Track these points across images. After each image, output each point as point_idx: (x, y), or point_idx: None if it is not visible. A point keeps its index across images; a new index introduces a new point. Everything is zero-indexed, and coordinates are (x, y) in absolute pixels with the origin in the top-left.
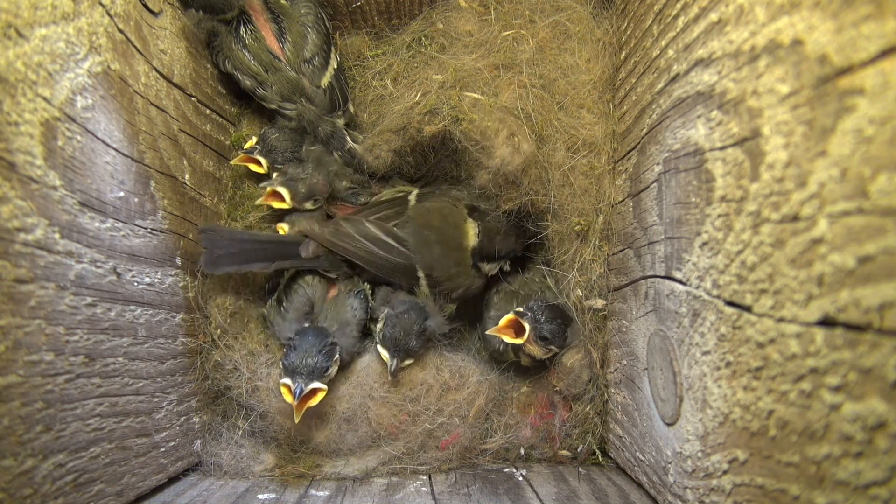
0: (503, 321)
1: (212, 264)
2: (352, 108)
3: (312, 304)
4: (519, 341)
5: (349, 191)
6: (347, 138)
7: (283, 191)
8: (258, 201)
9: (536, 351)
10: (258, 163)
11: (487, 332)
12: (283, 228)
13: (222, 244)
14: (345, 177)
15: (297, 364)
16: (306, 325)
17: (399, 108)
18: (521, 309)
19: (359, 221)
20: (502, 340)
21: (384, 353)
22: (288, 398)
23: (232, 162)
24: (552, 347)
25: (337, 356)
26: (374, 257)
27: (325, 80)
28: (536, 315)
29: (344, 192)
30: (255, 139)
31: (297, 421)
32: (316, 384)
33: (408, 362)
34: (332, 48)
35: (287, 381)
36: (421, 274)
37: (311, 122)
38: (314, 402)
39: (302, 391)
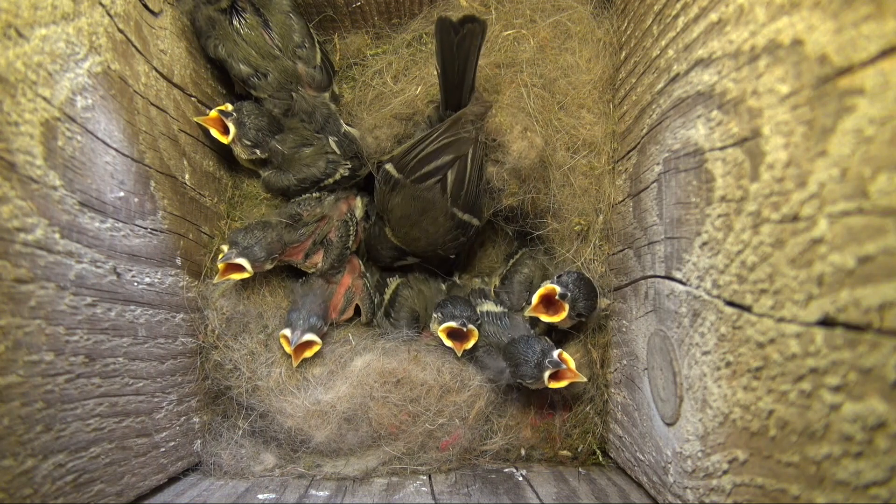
0: (536, 296)
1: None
2: (335, 87)
3: (417, 312)
4: (556, 319)
5: (343, 178)
6: (342, 122)
7: (244, 262)
8: (216, 279)
9: (565, 323)
10: (225, 130)
11: (525, 313)
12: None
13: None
14: (337, 164)
15: (455, 314)
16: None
17: (400, 100)
18: (559, 288)
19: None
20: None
21: None
22: (445, 339)
23: (196, 118)
24: (582, 319)
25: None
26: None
27: (318, 58)
28: (574, 294)
29: (339, 179)
30: (230, 106)
31: (459, 354)
32: (470, 326)
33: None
34: (308, 24)
35: (451, 322)
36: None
37: (306, 111)
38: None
39: (465, 325)
